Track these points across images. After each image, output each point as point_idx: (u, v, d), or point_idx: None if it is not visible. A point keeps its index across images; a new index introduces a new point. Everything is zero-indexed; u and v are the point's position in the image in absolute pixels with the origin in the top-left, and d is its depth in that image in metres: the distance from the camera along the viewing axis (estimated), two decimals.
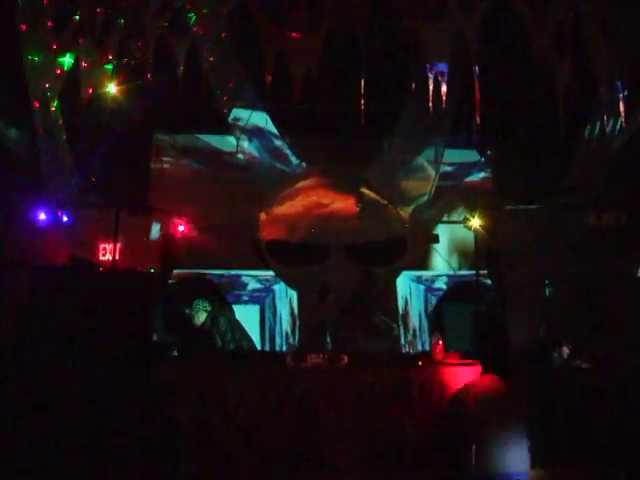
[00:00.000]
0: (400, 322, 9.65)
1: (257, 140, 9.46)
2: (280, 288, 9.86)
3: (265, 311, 9.77)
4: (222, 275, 9.64)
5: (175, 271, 9.23)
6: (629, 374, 6.61)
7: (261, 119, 9.28)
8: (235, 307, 9.31)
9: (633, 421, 6.31)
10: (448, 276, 9.93)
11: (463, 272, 9.78)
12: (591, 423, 6.42)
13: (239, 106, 9.00)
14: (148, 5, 6.90)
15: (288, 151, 9.61)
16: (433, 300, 9.83)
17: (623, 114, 7.07)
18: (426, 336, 9.63)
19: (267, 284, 9.86)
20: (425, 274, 10.00)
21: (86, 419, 5.88)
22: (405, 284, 9.97)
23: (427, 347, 8.91)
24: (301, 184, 9.84)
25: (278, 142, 9.50)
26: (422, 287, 9.91)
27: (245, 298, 9.77)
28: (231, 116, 9.21)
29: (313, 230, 9.55)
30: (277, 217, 9.75)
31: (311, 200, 9.78)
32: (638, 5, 6.84)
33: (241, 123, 9.26)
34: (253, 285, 9.81)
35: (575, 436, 6.34)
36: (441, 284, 9.95)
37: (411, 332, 9.82)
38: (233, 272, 9.70)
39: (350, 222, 9.58)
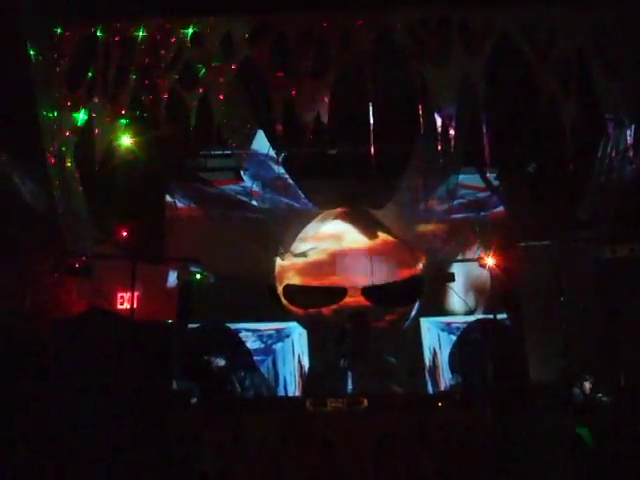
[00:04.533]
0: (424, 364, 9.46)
1: (271, 184, 9.55)
2: (284, 346, 9.55)
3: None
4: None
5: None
6: None
7: (273, 163, 9.36)
8: None
9: None
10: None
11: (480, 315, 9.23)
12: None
13: (251, 153, 9.09)
14: (159, 60, 7.05)
15: (301, 193, 9.66)
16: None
17: (631, 147, 7.10)
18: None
19: (269, 342, 9.49)
20: (454, 320, 9.54)
21: (104, 469, 5.89)
22: (433, 334, 9.65)
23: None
24: (316, 227, 9.91)
25: (291, 184, 9.54)
26: (453, 337, 9.37)
27: None
28: (244, 163, 9.34)
29: (329, 272, 9.59)
30: (293, 262, 9.81)
31: (327, 242, 9.85)
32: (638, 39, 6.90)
33: (254, 169, 9.36)
34: (251, 345, 9.41)
35: None
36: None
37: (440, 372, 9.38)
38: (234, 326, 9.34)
39: (366, 264, 9.60)
